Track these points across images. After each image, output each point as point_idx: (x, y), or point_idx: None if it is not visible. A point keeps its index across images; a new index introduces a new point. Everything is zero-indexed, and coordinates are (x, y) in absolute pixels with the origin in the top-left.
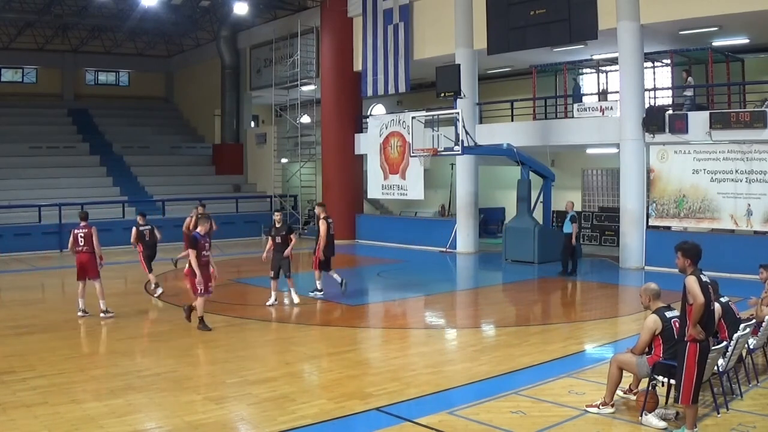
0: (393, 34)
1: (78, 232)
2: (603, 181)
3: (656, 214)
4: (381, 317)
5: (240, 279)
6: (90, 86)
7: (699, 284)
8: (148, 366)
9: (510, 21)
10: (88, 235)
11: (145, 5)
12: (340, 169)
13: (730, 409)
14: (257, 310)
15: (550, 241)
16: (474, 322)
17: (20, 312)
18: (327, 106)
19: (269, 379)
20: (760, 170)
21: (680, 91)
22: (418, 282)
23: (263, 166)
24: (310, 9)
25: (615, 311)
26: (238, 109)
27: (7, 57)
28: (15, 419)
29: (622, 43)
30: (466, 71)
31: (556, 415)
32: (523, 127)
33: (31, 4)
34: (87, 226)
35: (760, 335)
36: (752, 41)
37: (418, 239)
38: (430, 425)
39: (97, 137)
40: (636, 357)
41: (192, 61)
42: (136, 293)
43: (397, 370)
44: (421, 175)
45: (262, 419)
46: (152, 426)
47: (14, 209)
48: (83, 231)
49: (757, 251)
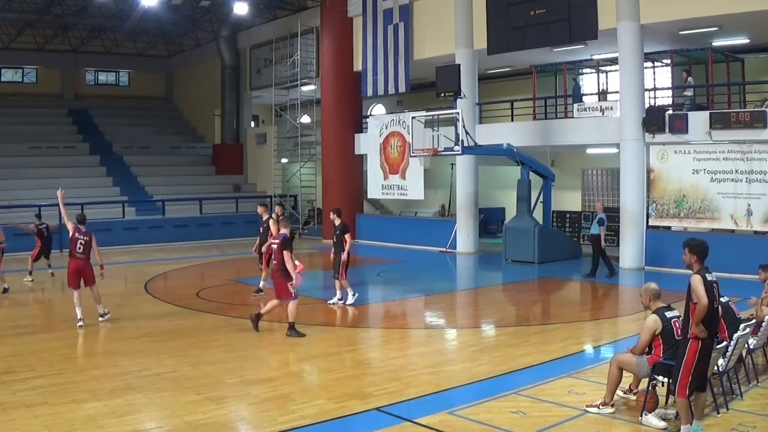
0: (393, 34)
1: (79, 238)
2: (603, 181)
3: (656, 214)
4: (381, 317)
5: (240, 279)
6: (90, 86)
7: (704, 283)
8: (148, 366)
9: (510, 21)
10: (88, 243)
11: (145, 5)
12: (340, 169)
13: (730, 409)
14: (257, 310)
15: (550, 241)
16: (474, 322)
17: (20, 312)
18: (327, 106)
19: (269, 379)
20: (760, 170)
21: (680, 91)
22: (418, 282)
23: (263, 166)
24: (310, 9)
25: (615, 311)
26: (238, 109)
27: (7, 57)
28: (15, 419)
29: (622, 43)
30: (466, 71)
31: (556, 415)
32: (523, 127)
33: (31, 4)
34: (88, 234)
35: (760, 335)
36: (752, 41)
37: (418, 239)
38: (430, 425)
39: (97, 137)
40: (636, 357)
41: (192, 61)
42: (136, 293)
43: (397, 370)
44: (421, 175)
45: (262, 419)
46: (152, 426)
47: (14, 209)
48: (84, 238)
49: (757, 251)
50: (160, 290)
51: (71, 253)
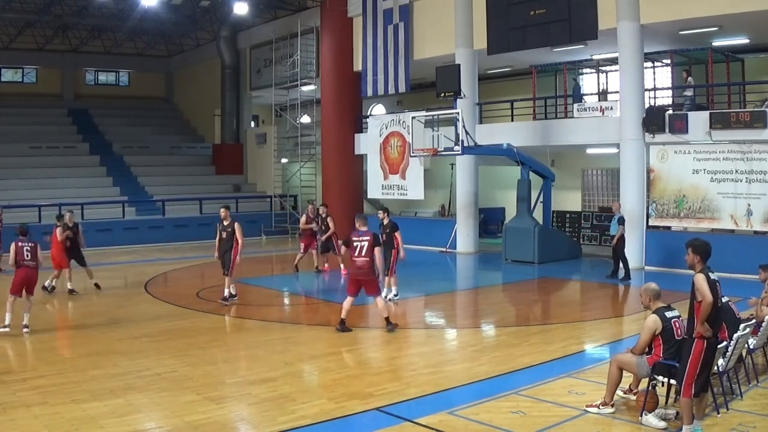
0: (393, 34)
1: (24, 246)
2: (603, 181)
3: (656, 214)
4: (381, 317)
5: (240, 279)
6: (90, 86)
7: (707, 282)
8: (148, 366)
9: (510, 21)
10: (35, 249)
11: (145, 5)
12: (340, 169)
13: (730, 409)
14: (257, 310)
15: (550, 241)
16: (474, 322)
17: (20, 312)
18: (327, 106)
19: (269, 379)
20: (760, 170)
21: (680, 91)
22: (418, 282)
23: (263, 166)
24: (310, 9)
25: (615, 311)
26: (238, 109)
27: (7, 57)
28: (15, 419)
29: (622, 43)
30: (466, 71)
31: (556, 415)
32: (523, 127)
33: (31, 4)
34: (33, 241)
35: (760, 335)
36: (752, 41)
37: (418, 239)
38: (430, 425)
39: (97, 137)
40: (636, 357)
41: (192, 61)
42: (136, 293)
43: (397, 370)
44: (421, 175)
45: (262, 419)
46: (152, 426)
47: (14, 209)
48: (29, 245)
49: (757, 251)
50: (160, 290)
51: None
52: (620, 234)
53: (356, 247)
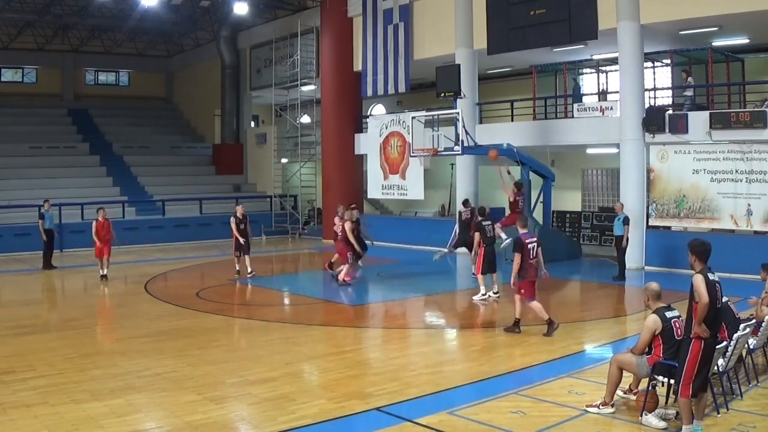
0: (393, 34)
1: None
2: (603, 181)
3: (656, 214)
4: (381, 317)
5: (240, 279)
6: (90, 86)
7: (705, 283)
8: (148, 366)
9: (510, 21)
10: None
11: (145, 5)
12: (340, 169)
13: (730, 409)
14: (257, 310)
15: (550, 241)
16: (474, 322)
17: (20, 312)
18: (327, 106)
19: (269, 379)
20: (760, 170)
21: (680, 91)
22: (419, 282)
23: (263, 166)
24: (310, 9)
25: (615, 311)
26: (238, 109)
27: (7, 57)
28: (15, 419)
29: (622, 43)
30: (466, 71)
31: (556, 415)
32: (523, 127)
33: (31, 4)
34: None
35: (760, 335)
36: (752, 41)
37: (418, 239)
38: (430, 425)
39: (97, 137)
40: (636, 357)
41: (192, 61)
42: (136, 293)
43: (397, 370)
44: (421, 175)
45: (262, 419)
46: (152, 426)
47: (14, 209)
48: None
49: (757, 251)
50: (160, 290)
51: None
52: (627, 234)
53: (530, 249)
